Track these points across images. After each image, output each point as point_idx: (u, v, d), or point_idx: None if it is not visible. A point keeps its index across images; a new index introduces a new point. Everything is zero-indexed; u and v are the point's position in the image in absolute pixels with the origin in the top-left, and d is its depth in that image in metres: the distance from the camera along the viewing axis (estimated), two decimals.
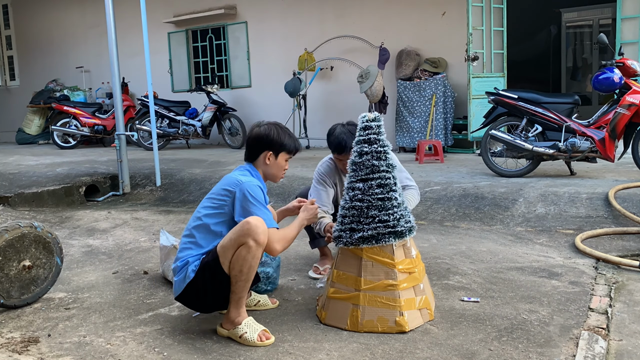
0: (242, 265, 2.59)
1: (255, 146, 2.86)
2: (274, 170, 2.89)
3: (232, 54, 10.91)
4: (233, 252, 2.61)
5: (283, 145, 2.87)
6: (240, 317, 2.69)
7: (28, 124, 12.39)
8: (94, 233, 5.02)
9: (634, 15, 7.11)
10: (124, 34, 9.87)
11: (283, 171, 2.94)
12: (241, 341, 2.65)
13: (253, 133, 2.87)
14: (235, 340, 2.67)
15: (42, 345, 2.70)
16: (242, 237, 2.57)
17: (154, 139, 7.08)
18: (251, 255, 2.59)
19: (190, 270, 2.70)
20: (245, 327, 2.66)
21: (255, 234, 2.56)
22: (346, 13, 9.52)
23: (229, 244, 2.61)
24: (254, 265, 2.62)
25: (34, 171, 7.44)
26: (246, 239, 2.57)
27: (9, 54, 14.09)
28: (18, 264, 3.11)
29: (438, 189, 5.57)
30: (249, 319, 2.71)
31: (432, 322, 2.83)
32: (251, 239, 2.56)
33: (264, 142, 2.84)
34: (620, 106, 5.40)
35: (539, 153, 5.72)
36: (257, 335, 2.64)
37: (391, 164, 2.78)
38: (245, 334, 2.64)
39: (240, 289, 2.65)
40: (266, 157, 2.85)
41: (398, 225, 2.74)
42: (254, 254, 2.59)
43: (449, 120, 8.35)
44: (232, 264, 2.61)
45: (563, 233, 4.46)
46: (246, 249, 2.57)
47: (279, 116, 9.75)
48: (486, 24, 7.83)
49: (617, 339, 2.63)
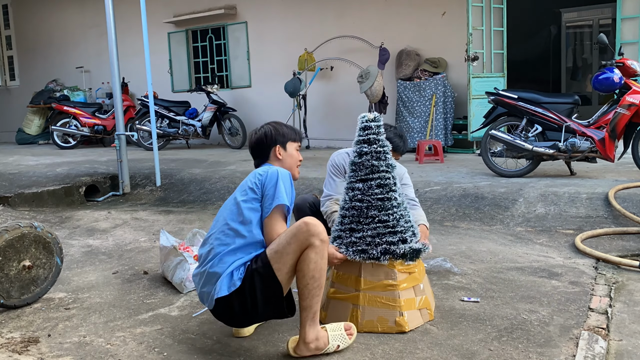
0: (314, 269, 2.40)
1: (261, 148, 2.77)
2: (289, 162, 2.78)
3: (232, 54, 10.91)
4: (294, 259, 2.41)
5: (285, 135, 2.79)
6: (322, 338, 2.48)
7: (28, 124, 12.39)
8: (94, 233, 5.02)
9: (634, 15, 7.11)
10: (124, 34, 9.88)
11: (298, 162, 2.84)
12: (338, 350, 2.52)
13: (253, 138, 2.80)
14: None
15: (42, 345, 2.70)
16: (304, 239, 2.39)
17: (154, 139, 7.08)
18: (320, 256, 2.41)
19: (237, 278, 2.45)
20: (335, 342, 2.51)
21: (319, 233, 2.39)
22: (346, 13, 9.52)
23: (286, 249, 2.41)
24: (324, 267, 2.44)
25: (34, 171, 7.44)
26: (311, 239, 2.38)
27: (9, 54, 14.10)
28: (18, 264, 3.11)
29: (438, 189, 5.57)
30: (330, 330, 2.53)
31: (432, 322, 2.83)
32: (316, 238, 2.39)
33: (267, 140, 2.76)
34: (620, 106, 5.40)
35: (539, 153, 5.72)
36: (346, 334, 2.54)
37: (391, 164, 2.78)
38: (339, 347, 2.52)
39: (316, 299, 2.44)
40: (276, 152, 2.75)
41: (398, 225, 2.74)
42: (323, 254, 2.42)
43: (449, 120, 8.35)
44: (300, 272, 2.41)
45: (563, 233, 4.46)
46: (314, 251, 2.39)
47: (279, 116, 9.74)
48: (486, 24, 7.83)
49: (617, 339, 2.63)
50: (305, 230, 2.39)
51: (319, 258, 2.40)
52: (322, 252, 2.41)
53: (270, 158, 2.77)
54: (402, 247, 2.73)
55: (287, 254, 2.41)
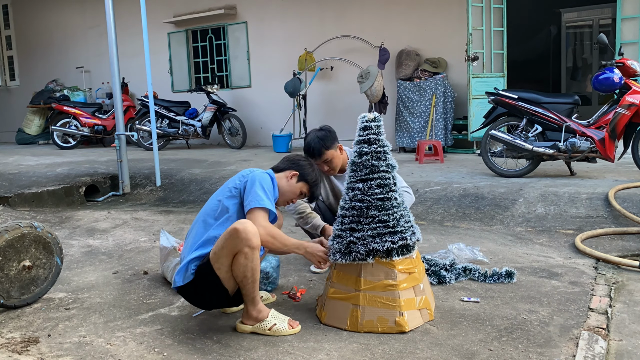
0: (245, 271, 2.61)
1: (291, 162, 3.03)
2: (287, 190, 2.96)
3: (232, 54, 10.91)
4: (229, 260, 2.62)
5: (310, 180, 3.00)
6: (263, 312, 2.74)
7: (28, 124, 12.39)
8: (94, 233, 5.02)
9: (634, 15, 7.11)
10: (124, 34, 9.88)
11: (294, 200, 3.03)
12: (271, 333, 2.70)
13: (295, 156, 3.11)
14: (263, 333, 2.72)
15: (42, 345, 2.70)
16: (234, 246, 2.58)
17: (154, 139, 7.08)
18: (249, 260, 2.60)
19: (190, 272, 2.74)
20: (273, 319, 2.73)
21: (247, 240, 2.56)
22: (346, 13, 9.52)
23: (222, 252, 2.62)
24: (255, 267, 2.63)
25: (34, 171, 7.44)
26: (239, 246, 2.57)
27: (9, 54, 14.09)
28: (18, 264, 3.11)
29: (438, 189, 5.57)
30: (273, 311, 2.77)
31: (432, 322, 2.83)
32: (245, 246, 2.56)
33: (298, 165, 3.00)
34: (620, 106, 5.40)
35: (539, 153, 5.72)
36: (287, 324, 2.73)
37: (391, 164, 2.79)
38: (275, 325, 2.71)
39: (251, 290, 2.68)
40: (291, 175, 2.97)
41: (398, 225, 2.74)
42: (252, 258, 2.60)
43: (449, 120, 8.35)
44: (234, 272, 2.63)
45: (563, 233, 4.46)
46: (243, 257, 2.59)
47: (279, 116, 9.82)
48: (486, 24, 7.83)
49: (617, 339, 2.63)
50: (235, 236, 2.56)
51: (249, 262, 2.59)
52: (252, 256, 2.59)
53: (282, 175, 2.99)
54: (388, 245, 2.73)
55: (223, 256, 2.62)
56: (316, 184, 3.02)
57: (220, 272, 2.65)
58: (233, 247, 2.58)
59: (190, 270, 2.73)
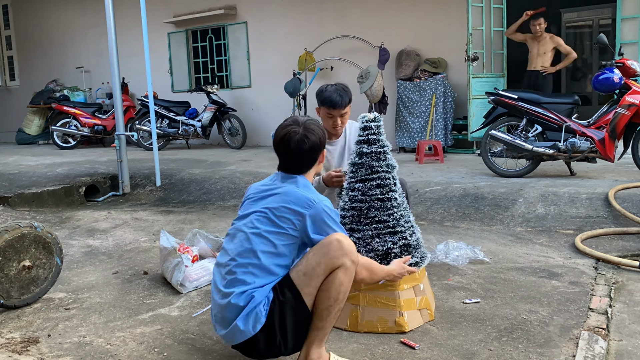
0: (339, 292, 2.18)
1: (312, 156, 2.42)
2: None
3: (232, 54, 10.91)
4: (322, 280, 2.18)
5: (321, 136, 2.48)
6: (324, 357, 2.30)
7: (28, 124, 12.39)
8: (94, 233, 5.02)
9: (634, 15, 7.11)
10: (124, 34, 9.87)
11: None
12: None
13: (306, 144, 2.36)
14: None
15: (42, 346, 2.70)
16: (335, 258, 2.17)
17: (154, 139, 7.08)
18: (349, 278, 2.21)
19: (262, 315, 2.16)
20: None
21: (351, 251, 2.19)
22: (346, 13, 9.52)
23: (316, 271, 2.17)
24: (349, 289, 2.25)
25: (34, 171, 7.44)
26: (342, 259, 2.17)
27: (9, 54, 14.09)
28: (18, 264, 3.11)
29: (438, 189, 5.57)
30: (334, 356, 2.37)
31: (432, 322, 2.83)
32: (348, 258, 2.18)
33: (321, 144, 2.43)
34: (620, 106, 5.40)
35: (539, 153, 5.72)
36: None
37: (391, 164, 2.78)
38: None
39: (331, 322, 2.24)
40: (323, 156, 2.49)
41: (398, 225, 2.74)
42: (352, 276, 2.23)
43: (449, 120, 8.35)
44: (325, 292, 2.18)
45: (563, 233, 4.46)
46: (343, 272, 2.18)
47: (279, 116, 9.79)
48: (486, 24, 7.83)
49: (617, 339, 2.63)
50: (338, 247, 2.17)
51: (348, 280, 2.21)
52: (352, 273, 2.22)
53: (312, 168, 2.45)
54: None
55: (317, 276, 2.18)
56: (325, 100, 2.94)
57: (311, 298, 2.19)
58: (332, 261, 2.16)
59: (261, 313, 2.16)
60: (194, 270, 3.48)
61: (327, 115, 3.41)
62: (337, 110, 3.35)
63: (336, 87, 3.39)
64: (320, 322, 2.21)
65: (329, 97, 3.33)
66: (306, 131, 2.37)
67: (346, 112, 3.41)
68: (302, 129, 2.37)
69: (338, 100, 3.32)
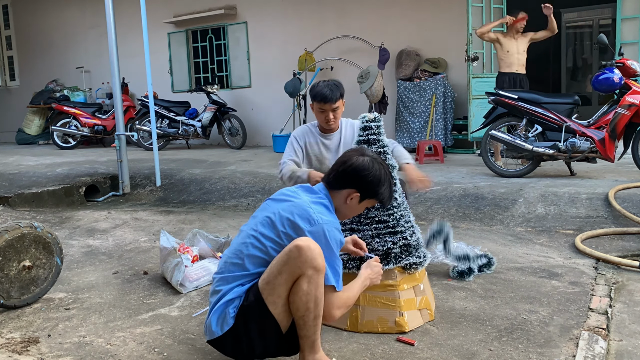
0: (307, 301, 2.12)
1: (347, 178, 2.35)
2: (348, 212, 2.44)
3: (232, 54, 10.91)
4: (287, 290, 2.14)
5: (376, 194, 2.39)
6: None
7: (28, 124, 12.39)
8: (94, 233, 5.02)
9: (634, 15, 7.11)
10: (124, 34, 9.88)
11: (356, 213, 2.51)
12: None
13: (355, 164, 2.33)
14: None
15: (42, 346, 2.70)
16: (296, 267, 2.10)
17: (154, 139, 7.08)
18: (314, 286, 2.12)
19: (230, 317, 2.20)
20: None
21: (312, 259, 2.10)
22: (346, 13, 9.52)
23: (279, 280, 2.13)
24: (319, 296, 2.15)
25: (34, 171, 7.44)
26: (303, 269, 2.10)
27: (9, 54, 14.09)
28: (18, 264, 3.11)
29: (438, 189, 5.57)
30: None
31: (432, 322, 2.83)
32: (309, 267, 2.10)
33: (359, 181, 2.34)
34: (620, 106, 5.40)
35: (539, 153, 5.72)
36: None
37: (391, 164, 2.78)
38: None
39: (313, 330, 2.18)
40: (349, 196, 2.36)
41: (398, 225, 2.74)
42: (317, 283, 2.13)
43: (449, 120, 8.35)
44: (293, 304, 2.14)
45: (563, 233, 4.46)
46: (306, 281, 2.11)
47: (279, 116, 9.82)
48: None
49: (617, 339, 2.63)
50: (297, 256, 2.10)
51: (313, 288, 2.12)
52: (317, 281, 2.13)
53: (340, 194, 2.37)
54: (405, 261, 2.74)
55: (280, 285, 2.13)
56: (385, 195, 2.42)
57: (276, 307, 2.15)
58: (294, 271, 2.10)
59: (229, 315, 2.19)
60: (193, 270, 3.48)
61: (320, 110, 3.52)
62: (328, 105, 3.45)
63: (328, 82, 3.49)
64: (302, 330, 2.19)
65: (320, 92, 3.44)
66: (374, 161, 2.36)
67: (338, 107, 3.49)
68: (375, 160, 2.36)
69: (329, 95, 3.41)
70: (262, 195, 6.14)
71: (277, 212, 2.28)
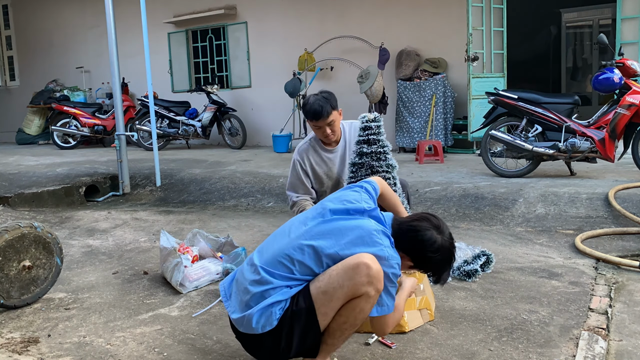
0: (357, 318, 2.11)
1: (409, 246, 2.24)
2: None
3: (232, 54, 10.91)
4: (342, 303, 2.10)
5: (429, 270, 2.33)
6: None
7: (28, 124, 12.39)
8: (94, 233, 5.02)
9: (634, 15, 7.11)
10: (124, 34, 9.88)
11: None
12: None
13: (437, 244, 2.20)
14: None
15: (42, 346, 2.70)
16: (360, 285, 2.05)
17: (154, 139, 7.08)
18: (370, 305, 2.11)
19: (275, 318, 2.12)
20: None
21: (378, 280, 2.07)
22: (346, 13, 9.52)
23: (337, 294, 2.07)
24: (367, 315, 2.16)
25: (34, 171, 7.44)
26: (367, 287, 2.05)
27: (9, 54, 14.09)
28: (18, 264, 3.11)
29: (438, 189, 5.57)
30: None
31: (432, 322, 2.83)
32: (373, 287, 2.06)
33: (428, 261, 2.25)
34: (620, 106, 5.40)
35: (539, 153, 5.72)
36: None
37: (391, 164, 2.79)
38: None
39: (343, 341, 2.22)
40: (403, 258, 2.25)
41: None
42: (373, 302, 2.12)
43: (449, 120, 8.35)
44: (343, 317, 2.11)
45: (563, 233, 4.46)
46: (365, 300, 2.08)
47: (279, 116, 9.81)
48: (486, 24, 7.83)
49: (617, 339, 2.63)
50: (365, 274, 2.04)
51: (369, 307, 2.11)
52: (374, 300, 2.11)
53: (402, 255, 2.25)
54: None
55: (337, 299, 2.08)
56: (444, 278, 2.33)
57: (326, 318, 2.11)
58: (356, 288, 2.05)
59: (274, 316, 2.11)
60: (193, 270, 3.48)
61: (315, 127, 3.41)
62: (321, 121, 3.33)
63: (317, 97, 3.36)
64: (331, 339, 2.17)
65: (310, 110, 3.33)
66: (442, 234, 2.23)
67: (333, 120, 3.36)
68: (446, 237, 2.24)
69: (319, 111, 3.30)
70: (262, 195, 6.14)
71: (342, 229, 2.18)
